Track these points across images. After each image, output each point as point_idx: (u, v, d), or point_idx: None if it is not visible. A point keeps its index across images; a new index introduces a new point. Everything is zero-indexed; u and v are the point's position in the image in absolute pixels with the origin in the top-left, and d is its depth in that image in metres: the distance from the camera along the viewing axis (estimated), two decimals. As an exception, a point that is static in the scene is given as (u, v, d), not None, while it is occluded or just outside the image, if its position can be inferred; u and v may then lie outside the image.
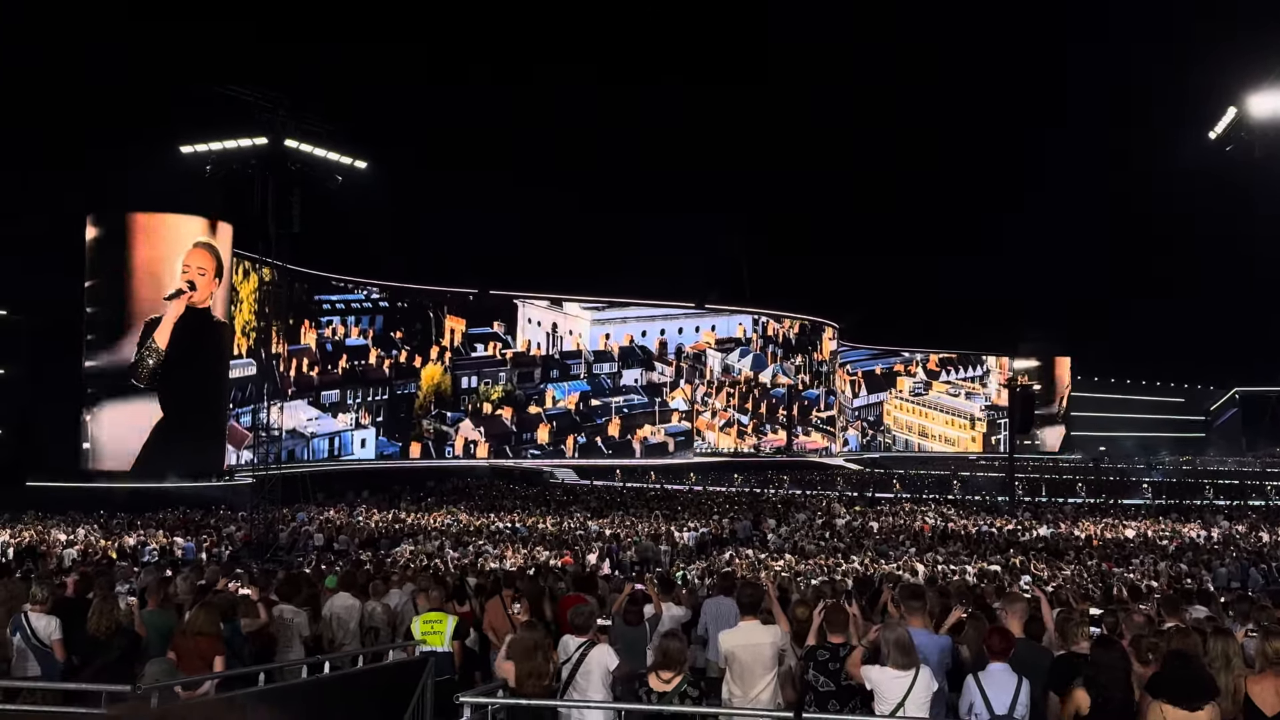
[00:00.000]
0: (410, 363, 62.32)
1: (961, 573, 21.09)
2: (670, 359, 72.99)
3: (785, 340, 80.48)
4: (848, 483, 59.85)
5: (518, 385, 66.70)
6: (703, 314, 75.45)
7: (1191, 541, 30.15)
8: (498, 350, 66.30)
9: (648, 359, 72.18)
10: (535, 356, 67.74)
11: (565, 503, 44.75)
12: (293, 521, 34.26)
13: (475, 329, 65.70)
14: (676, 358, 73.06)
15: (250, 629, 9.35)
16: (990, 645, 6.54)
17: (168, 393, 43.57)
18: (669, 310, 73.95)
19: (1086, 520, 37.29)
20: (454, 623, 9.28)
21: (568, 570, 17.60)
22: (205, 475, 43.81)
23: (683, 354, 73.50)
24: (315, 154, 33.90)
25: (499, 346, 66.44)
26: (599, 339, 70.69)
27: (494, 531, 31.91)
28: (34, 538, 27.55)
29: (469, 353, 65.29)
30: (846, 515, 39.09)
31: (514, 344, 66.91)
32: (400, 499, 46.37)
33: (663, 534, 30.82)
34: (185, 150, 34.34)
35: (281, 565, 22.90)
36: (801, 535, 31.86)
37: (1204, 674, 6.07)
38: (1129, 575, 21.55)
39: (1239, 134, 27.83)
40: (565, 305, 69.28)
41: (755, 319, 77.99)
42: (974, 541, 29.56)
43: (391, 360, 61.37)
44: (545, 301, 68.74)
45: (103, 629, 8.23)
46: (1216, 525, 35.66)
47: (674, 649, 6.67)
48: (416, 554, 25.07)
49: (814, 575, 20.03)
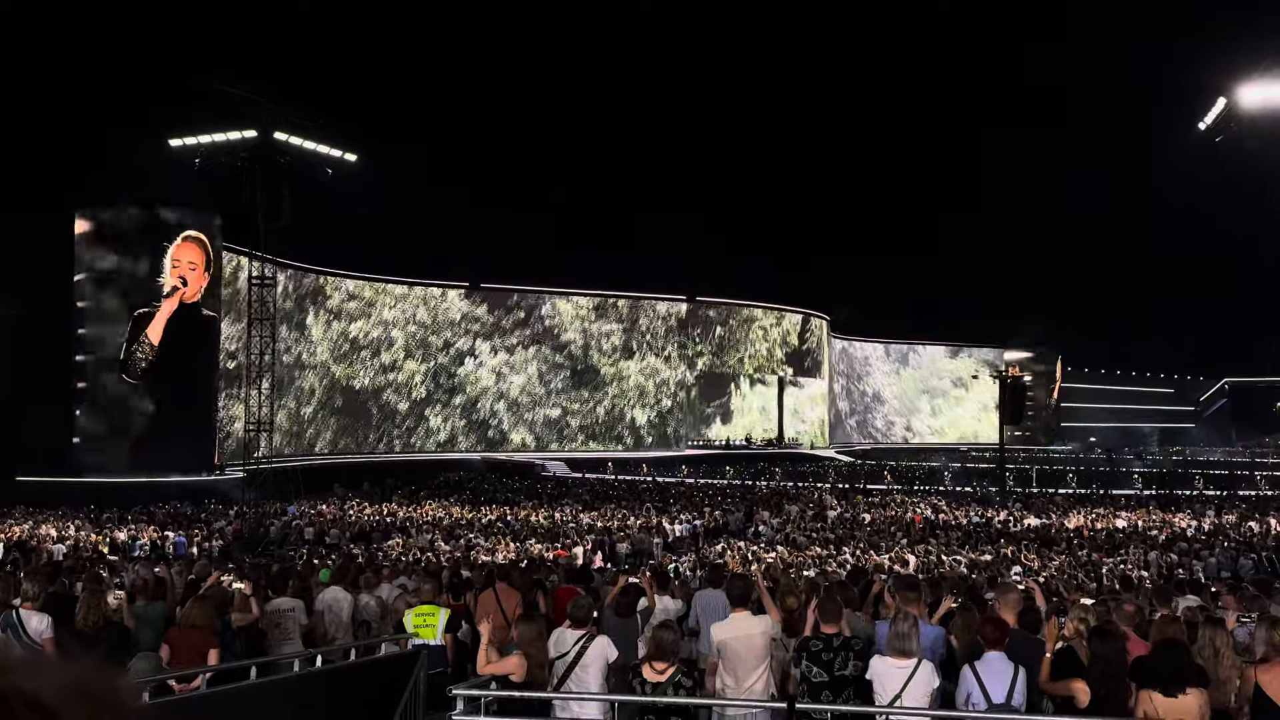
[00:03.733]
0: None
1: (954, 564, 21.13)
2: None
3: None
4: (839, 475, 59.93)
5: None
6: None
7: (1181, 532, 30.24)
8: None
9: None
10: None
11: (556, 496, 44.74)
12: (283, 516, 34.21)
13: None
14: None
15: (241, 623, 9.32)
16: (986, 635, 6.56)
17: (158, 387, 43.47)
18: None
19: (1077, 511, 37.41)
20: (446, 615, 9.26)
21: (560, 563, 17.62)
22: (196, 470, 43.71)
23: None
24: (305, 147, 33.82)
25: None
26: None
27: (485, 525, 31.89)
28: (24, 533, 27.47)
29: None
30: (838, 507, 39.13)
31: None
32: (392, 492, 46.31)
33: (654, 526, 30.85)
34: (174, 144, 34.24)
35: (273, 559, 22.86)
36: (793, 527, 31.89)
37: (1190, 661, 6.08)
38: (1120, 566, 21.62)
39: (1229, 125, 27.96)
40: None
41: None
42: (965, 532, 29.63)
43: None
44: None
45: (90, 623, 8.20)
46: (1206, 515, 35.78)
47: (667, 640, 6.68)
48: (408, 547, 25.05)
49: (806, 567, 20.05)
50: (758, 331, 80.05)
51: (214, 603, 8.66)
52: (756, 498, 43.27)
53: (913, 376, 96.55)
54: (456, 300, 66.27)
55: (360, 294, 61.29)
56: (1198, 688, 5.81)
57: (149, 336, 43.67)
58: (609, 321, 72.48)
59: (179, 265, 44.61)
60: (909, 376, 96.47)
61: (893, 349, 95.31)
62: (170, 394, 43.46)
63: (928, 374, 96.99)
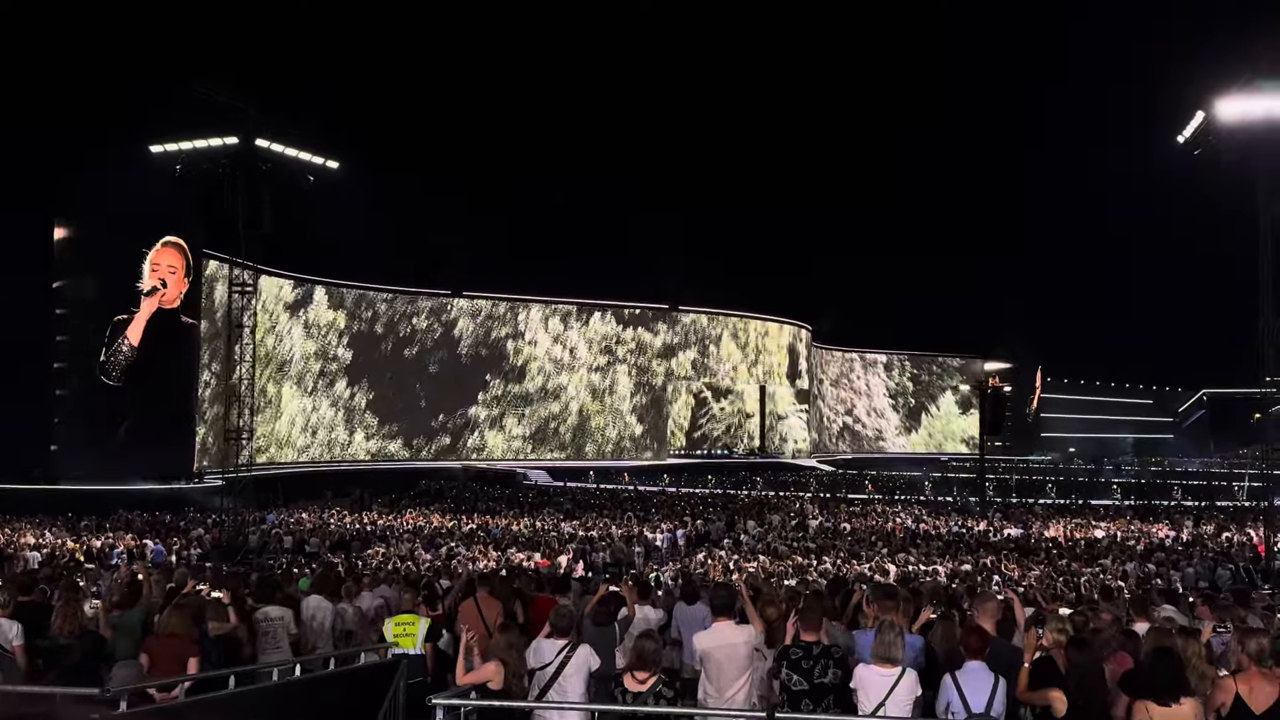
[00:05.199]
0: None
1: (933, 573, 21.20)
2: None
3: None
4: (820, 484, 60.04)
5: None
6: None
7: (1160, 542, 30.41)
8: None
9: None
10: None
11: (538, 504, 44.65)
12: (262, 524, 34.00)
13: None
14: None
15: (219, 632, 9.26)
16: (967, 644, 6.59)
17: (136, 395, 43.22)
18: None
19: (1056, 521, 37.60)
20: (426, 625, 9.24)
21: (541, 572, 17.57)
22: (174, 477, 43.42)
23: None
24: (286, 154, 33.71)
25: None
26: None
27: (465, 534, 31.78)
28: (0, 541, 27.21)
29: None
30: (819, 517, 39.21)
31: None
32: (372, 500, 46.13)
33: (635, 535, 30.81)
34: (155, 150, 34.06)
35: (252, 568, 22.71)
36: (775, 536, 31.91)
37: (1184, 670, 6.15)
38: (1099, 576, 21.71)
39: (1207, 138, 28.18)
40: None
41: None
42: (945, 542, 29.71)
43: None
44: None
45: (66, 631, 8.13)
46: (1185, 526, 36.00)
47: (648, 649, 6.68)
48: (389, 556, 24.93)
49: (787, 576, 20.07)
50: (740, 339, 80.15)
51: (192, 610, 8.60)
52: (738, 507, 43.31)
53: (894, 386, 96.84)
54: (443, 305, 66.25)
55: (344, 302, 61.15)
56: (1191, 697, 5.88)
57: (128, 337, 43.49)
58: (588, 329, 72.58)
59: (158, 269, 44.47)
60: (890, 386, 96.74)
61: (872, 357, 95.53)
62: (149, 402, 43.19)
63: (909, 383, 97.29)
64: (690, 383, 76.56)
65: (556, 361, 70.92)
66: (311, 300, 58.98)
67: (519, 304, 69.32)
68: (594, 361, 72.65)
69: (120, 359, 43.25)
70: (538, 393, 70.08)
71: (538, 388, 70.28)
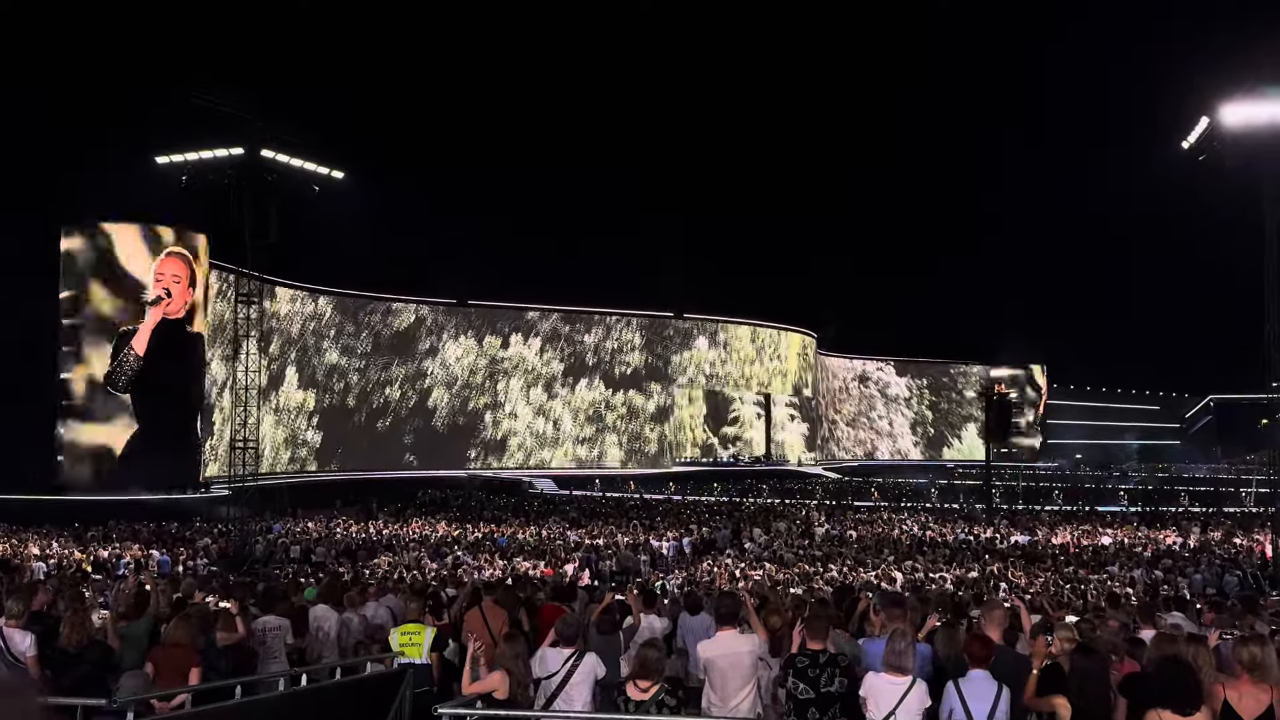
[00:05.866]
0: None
1: (940, 581, 21.14)
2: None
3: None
4: (827, 492, 59.94)
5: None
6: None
7: (1167, 548, 30.31)
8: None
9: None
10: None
11: (544, 513, 44.61)
12: (269, 534, 34.01)
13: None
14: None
15: (226, 642, 9.26)
16: (971, 652, 6.56)
17: (142, 405, 43.30)
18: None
19: (1063, 527, 37.48)
20: (432, 634, 9.23)
21: (547, 581, 17.56)
22: (181, 487, 43.47)
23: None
24: (292, 164, 33.77)
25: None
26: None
27: (471, 542, 31.77)
28: (7, 551, 27.26)
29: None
30: (825, 524, 39.13)
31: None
32: (379, 510, 46.09)
33: (641, 544, 30.78)
34: (161, 160, 34.14)
35: (258, 578, 22.72)
36: (781, 544, 31.85)
37: (1198, 679, 6.12)
38: (1106, 582, 21.65)
39: (1211, 144, 28.15)
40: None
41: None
42: (952, 549, 29.64)
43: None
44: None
45: (74, 641, 8.15)
46: (1192, 532, 35.88)
47: (651, 658, 6.68)
48: (395, 565, 24.93)
49: (793, 584, 20.03)
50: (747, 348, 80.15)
51: (198, 621, 8.62)
52: (744, 515, 43.24)
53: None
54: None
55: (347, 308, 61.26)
56: (1206, 707, 5.85)
57: (134, 348, 43.60)
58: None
59: (163, 278, 44.60)
60: (896, 394, 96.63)
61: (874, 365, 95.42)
62: (154, 412, 43.28)
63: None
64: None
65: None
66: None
67: (517, 313, 69.32)
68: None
69: (127, 369, 43.36)
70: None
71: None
